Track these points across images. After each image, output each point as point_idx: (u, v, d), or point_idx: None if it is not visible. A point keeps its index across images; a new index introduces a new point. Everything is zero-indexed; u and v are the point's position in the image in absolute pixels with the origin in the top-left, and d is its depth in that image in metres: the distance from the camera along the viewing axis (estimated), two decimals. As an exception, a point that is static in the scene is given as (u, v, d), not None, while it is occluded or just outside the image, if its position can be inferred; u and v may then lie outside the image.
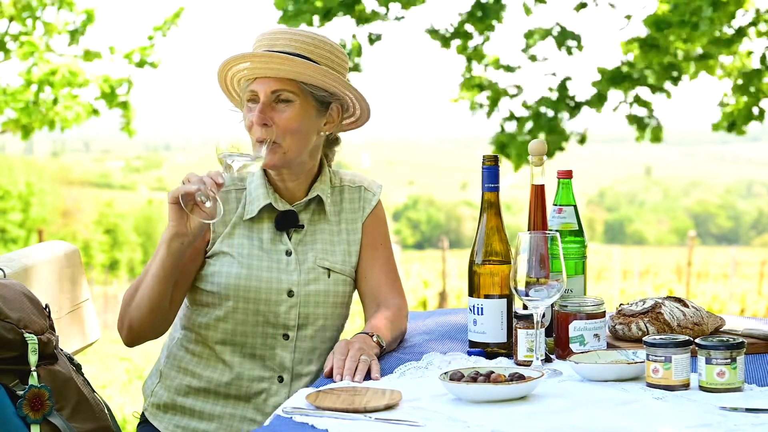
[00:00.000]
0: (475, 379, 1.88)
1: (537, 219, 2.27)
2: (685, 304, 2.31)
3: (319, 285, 2.41)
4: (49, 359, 2.09)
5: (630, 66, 7.68)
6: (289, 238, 2.42)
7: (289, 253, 2.40)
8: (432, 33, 7.74)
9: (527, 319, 2.10)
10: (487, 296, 2.23)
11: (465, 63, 7.88)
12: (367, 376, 2.07)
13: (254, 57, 2.31)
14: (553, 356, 2.19)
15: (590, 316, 2.14)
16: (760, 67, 7.59)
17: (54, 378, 2.07)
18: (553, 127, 7.55)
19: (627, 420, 1.72)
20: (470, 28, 7.71)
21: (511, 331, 2.22)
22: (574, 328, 2.13)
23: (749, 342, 2.20)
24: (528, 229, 2.25)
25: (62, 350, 2.20)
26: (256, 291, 2.36)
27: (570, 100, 7.72)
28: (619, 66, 7.72)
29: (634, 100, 7.85)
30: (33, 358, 2.03)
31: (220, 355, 2.40)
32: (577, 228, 2.29)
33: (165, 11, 10.24)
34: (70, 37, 9.71)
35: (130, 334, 2.31)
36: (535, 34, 7.55)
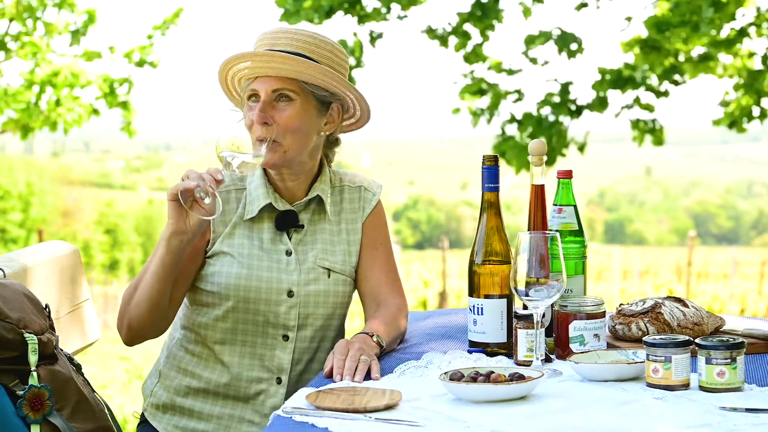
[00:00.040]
0: (475, 379, 1.88)
1: (537, 219, 2.26)
2: (685, 304, 2.31)
3: (319, 285, 2.41)
4: (49, 359, 2.09)
5: (631, 69, 7.68)
6: (289, 238, 2.42)
7: (289, 253, 2.40)
8: (429, 33, 7.72)
9: (527, 319, 2.10)
10: (487, 296, 2.23)
11: (464, 64, 7.86)
12: (367, 376, 2.07)
13: (255, 56, 2.31)
14: (553, 356, 2.19)
15: (590, 316, 2.14)
16: (762, 68, 7.58)
17: (54, 378, 2.07)
18: (554, 133, 7.53)
19: (627, 420, 1.72)
20: (470, 28, 7.70)
21: (511, 331, 2.22)
22: (574, 328, 2.13)
23: (749, 342, 2.20)
24: (528, 229, 2.25)
25: (62, 350, 2.20)
26: (256, 291, 2.36)
27: (572, 103, 7.71)
28: (621, 69, 7.71)
29: (635, 102, 7.84)
30: (33, 358, 2.03)
31: (219, 356, 2.40)
32: (577, 228, 2.29)
33: (165, 11, 10.25)
34: (72, 37, 9.71)
35: (130, 333, 2.31)
36: (536, 40, 7.54)
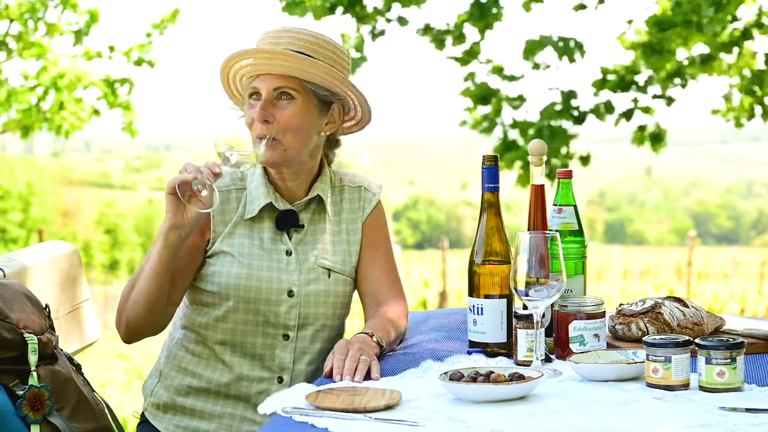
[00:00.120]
0: (474, 379, 1.88)
1: (537, 219, 2.26)
2: (685, 304, 2.30)
3: (319, 285, 2.41)
4: (49, 359, 2.09)
5: (633, 72, 7.68)
6: (290, 238, 2.41)
7: (289, 253, 2.40)
8: (425, 31, 7.71)
9: (527, 319, 2.10)
10: (487, 296, 2.23)
11: (461, 64, 7.85)
12: (367, 376, 2.07)
13: (257, 53, 2.32)
14: (553, 356, 2.18)
15: (590, 316, 2.14)
16: (765, 68, 7.58)
17: (54, 378, 2.07)
18: (558, 145, 7.52)
19: (627, 420, 1.72)
20: (469, 29, 7.69)
21: (511, 331, 2.22)
22: (574, 328, 2.13)
23: (749, 342, 2.20)
24: (528, 229, 2.25)
25: (62, 350, 2.20)
26: (256, 291, 2.36)
27: (574, 110, 7.70)
28: (623, 73, 7.71)
29: (634, 104, 7.83)
30: (33, 358, 2.03)
31: (220, 355, 2.40)
32: (577, 228, 2.29)
33: (164, 10, 10.26)
34: (75, 37, 9.72)
35: (128, 330, 2.31)
36: (536, 49, 7.54)
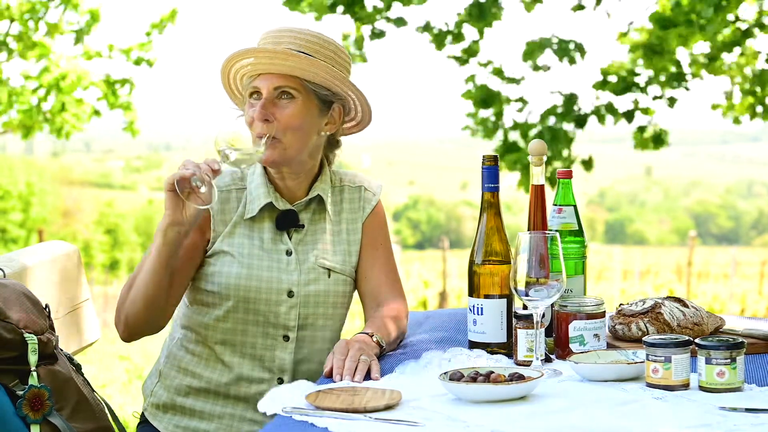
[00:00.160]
0: (474, 379, 1.88)
1: (537, 219, 2.26)
2: (685, 304, 2.30)
3: (319, 285, 2.41)
4: (49, 359, 2.09)
5: (633, 74, 7.69)
6: (290, 238, 2.41)
7: (289, 253, 2.40)
8: (426, 29, 7.71)
9: (527, 319, 2.10)
10: (487, 296, 2.23)
11: (460, 64, 7.85)
12: (367, 376, 2.07)
13: (258, 52, 2.32)
14: (553, 356, 2.18)
15: (590, 316, 2.14)
16: (766, 68, 7.59)
17: (54, 378, 2.07)
18: (559, 149, 7.53)
19: (627, 420, 1.72)
20: (468, 29, 7.70)
21: (511, 331, 2.22)
22: (574, 328, 2.13)
23: (749, 342, 2.20)
24: (528, 229, 2.25)
25: (62, 350, 2.20)
26: (256, 291, 2.36)
27: (576, 113, 7.71)
28: (624, 75, 7.71)
29: (635, 106, 7.84)
30: (33, 358, 2.03)
31: (220, 356, 2.40)
32: (577, 228, 2.29)
33: (163, 10, 10.26)
34: (76, 36, 9.72)
35: (127, 328, 2.30)
36: (535, 51, 7.54)
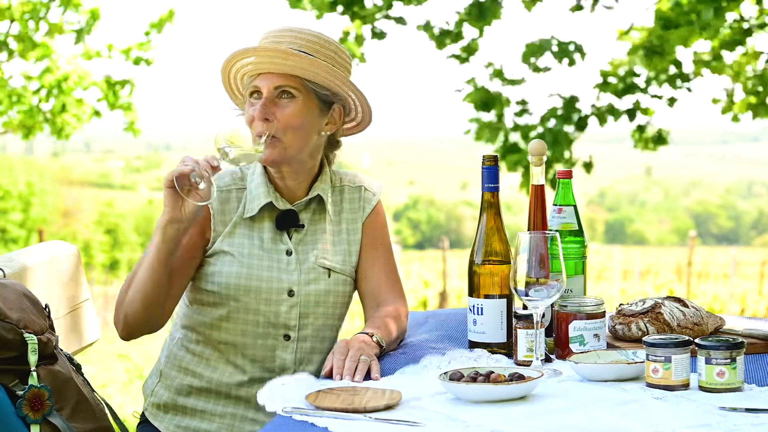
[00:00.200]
0: (474, 379, 1.88)
1: (537, 219, 2.26)
2: (684, 304, 2.30)
3: (319, 285, 2.41)
4: (49, 359, 2.09)
5: (633, 74, 7.69)
6: (290, 238, 2.42)
7: (289, 253, 2.40)
8: (426, 29, 7.72)
9: (527, 319, 2.10)
10: (487, 296, 2.23)
11: (460, 62, 7.86)
12: (367, 376, 2.07)
13: (259, 51, 2.32)
14: (553, 356, 2.18)
15: (590, 316, 2.14)
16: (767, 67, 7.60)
17: (54, 378, 2.07)
18: (560, 150, 7.53)
19: (627, 420, 1.72)
20: (468, 28, 7.71)
21: (511, 331, 2.22)
22: (574, 328, 2.13)
23: (749, 342, 2.20)
24: (528, 229, 2.25)
25: (62, 350, 2.20)
26: (256, 291, 2.36)
27: (576, 113, 7.71)
28: (625, 76, 7.71)
29: (637, 107, 7.84)
30: (33, 358, 2.03)
31: (221, 355, 2.40)
32: (576, 228, 2.29)
33: (162, 10, 10.27)
34: (76, 36, 9.72)
35: (126, 326, 2.30)
36: (536, 53, 7.54)
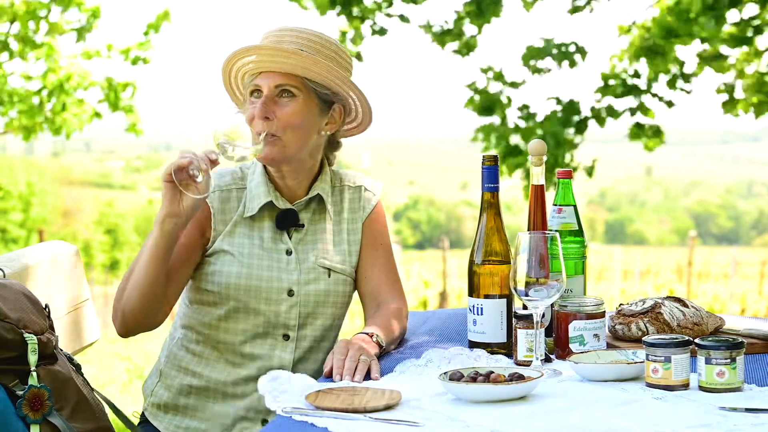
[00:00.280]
0: (474, 379, 1.88)
1: (537, 219, 2.26)
2: (684, 304, 2.30)
3: (319, 285, 2.41)
4: (49, 359, 2.09)
5: (635, 74, 7.69)
6: (290, 238, 2.41)
7: (289, 253, 2.40)
8: (427, 28, 7.73)
9: (527, 319, 2.10)
10: (486, 296, 2.23)
11: (460, 64, 7.91)
12: (367, 376, 2.07)
13: (260, 50, 2.32)
14: (552, 356, 2.18)
15: (590, 316, 2.14)
16: None
17: (54, 378, 2.07)
18: (561, 153, 7.54)
19: (627, 420, 1.72)
20: (468, 26, 7.71)
21: (510, 331, 2.22)
22: (574, 328, 2.13)
23: (749, 342, 2.20)
24: (528, 229, 2.25)
25: (62, 350, 2.20)
26: (256, 290, 2.36)
27: (576, 114, 7.71)
28: (625, 78, 7.72)
29: (638, 107, 7.84)
30: (33, 358, 2.03)
31: (221, 355, 2.40)
32: (576, 228, 2.29)
33: (159, 10, 10.28)
34: (78, 34, 9.73)
35: (124, 323, 2.29)
36: (536, 55, 7.55)
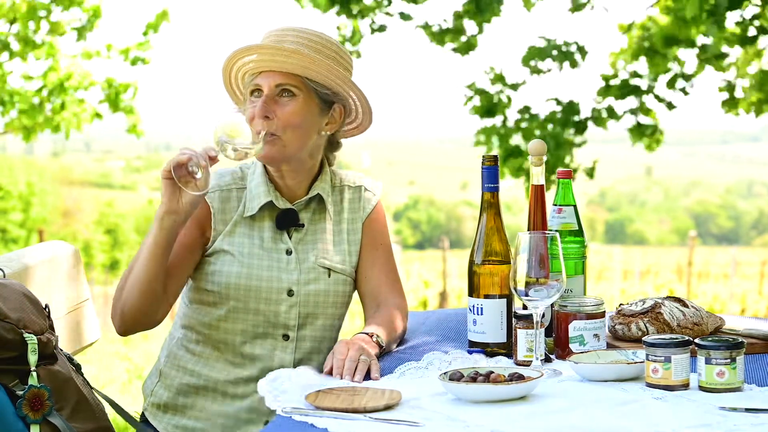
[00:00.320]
0: (474, 379, 1.88)
1: (537, 219, 2.26)
2: (684, 304, 2.30)
3: (319, 285, 2.41)
4: (49, 359, 2.09)
5: (636, 75, 7.70)
6: (290, 237, 2.41)
7: (289, 252, 2.40)
8: (425, 29, 7.74)
9: (527, 319, 2.10)
10: (486, 296, 2.23)
11: (460, 63, 7.92)
12: (367, 376, 2.07)
13: (261, 49, 2.32)
14: (552, 356, 2.18)
15: (590, 316, 2.14)
16: None
17: (54, 378, 2.07)
18: (561, 155, 7.54)
19: (627, 420, 1.72)
20: (468, 24, 7.72)
21: (510, 331, 2.22)
22: (574, 328, 2.13)
23: (749, 342, 2.20)
24: (528, 229, 2.25)
25: (62, 350, 2.20)
26: (256, 290, 2.36)
27: (575, 114, 7.71)
28: (627, 78, 7.72)
29: (639, 108, 7.84)
30: (33, 358, 2.03)
31: (220, 355, 2.40)
32: (576, 228, 2.29)
33: (158, 10, 10.28)
34: (78, 34, 9.73)
35: (123, 320, 2.29)
36: (536, 56, 7.55)
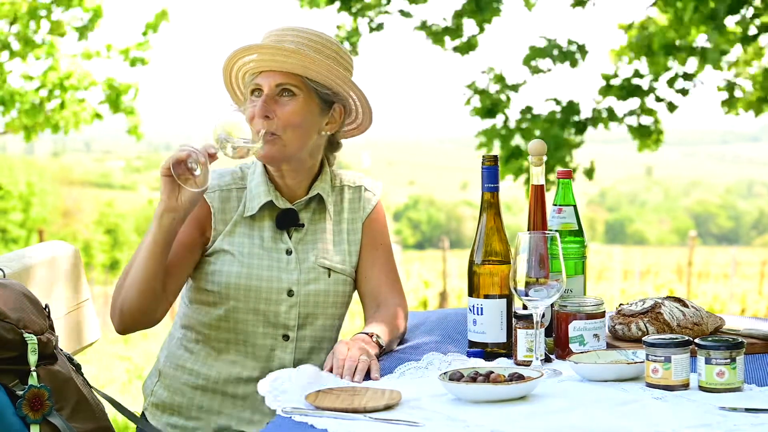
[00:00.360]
0: (474, 379, 1.88)
1: (537, 219, 2.26)
2: (684, 304, 2.30)
3: (319, 285, 2.41)
4: (49, 359, 2.09)
5: (638, 74, 7.71)
6: (290, 237, 2.42)
7: (289, 252, 2.40)
8: (424, 28, 7.74)
9: (527, 319, 2.10)
10: (486, 296, 2.23)
11: (460, 63, 7.93)
12: (367, 376, 2.07)
13: (262, 48, 2.32)
14: (552, 356, 2.19)
15: (590, 316, 2.14)
16: None
17: (54, 378, 2.07)
18: (561, 157, 7.55)
19: (627, 420, 1.72)
20: (468, 24, 7.72)
21: (510, 331, 2.22)
22: (574, 328, 2.13)
23: (749, 342, 2.20)
24: (528, 229, 2.25)
25: (62, 350, 2.20)
26: (256, 290, 2.36)
27: (575, 114, 7.72)
28: (629, 77, 7.73)
29: (640, 108, 7.85)
30: (33, 358, 2.03)
31: (220, 355, 2.40)
32: (576, 228, 2.29)
33: (158, 10, 10.28)
34: (79, 33, 9.74)
35: (122, 319, 2.29)
36: (537, 56, 7.56)
